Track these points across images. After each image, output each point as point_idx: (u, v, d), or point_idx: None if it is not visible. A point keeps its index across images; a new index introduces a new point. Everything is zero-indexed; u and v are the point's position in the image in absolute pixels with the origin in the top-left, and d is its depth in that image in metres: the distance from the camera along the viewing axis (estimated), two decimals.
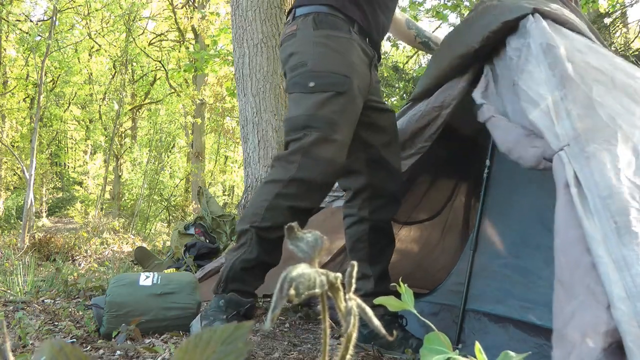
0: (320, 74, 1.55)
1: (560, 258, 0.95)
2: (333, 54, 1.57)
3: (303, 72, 1.57)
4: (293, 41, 1.62)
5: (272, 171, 1.58)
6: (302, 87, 1.56)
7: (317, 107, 1.53)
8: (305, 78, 1.56)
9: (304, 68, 1.57)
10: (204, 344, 0.39)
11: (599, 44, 1.76)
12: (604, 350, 0.75)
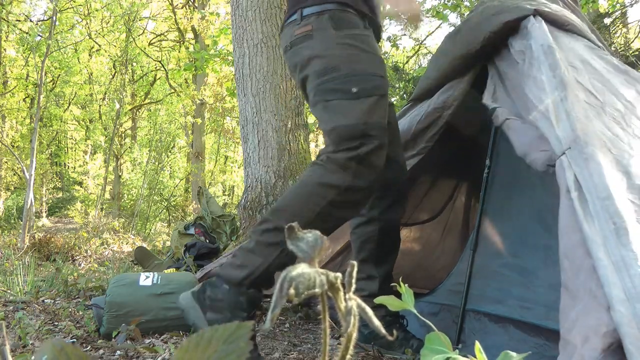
0: (361, 78, 1.47)
1: (565, 263, 0.95)
2: (366, 55, 1.50)
3: (339, 77, 1.46)
4: (310, 43, 1.50)
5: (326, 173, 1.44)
6: (343, 94, 1.45)
7: (369, 113, 1.45)
8: (344, 83, 1.46)
9: (337, 72, 1.46)
10: (205, 343, 0.39)
11: (598, 46, 1.76)
12: (604, 351, 0.75)
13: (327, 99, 1.48)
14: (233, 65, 4.00)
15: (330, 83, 1.47)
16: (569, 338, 0.84)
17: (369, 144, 1.44)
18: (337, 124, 1.46)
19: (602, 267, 0.84)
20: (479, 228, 1.82)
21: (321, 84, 1.49)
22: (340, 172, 1.42)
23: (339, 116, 1.46)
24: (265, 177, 3.62)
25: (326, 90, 1.48)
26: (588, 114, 1.19)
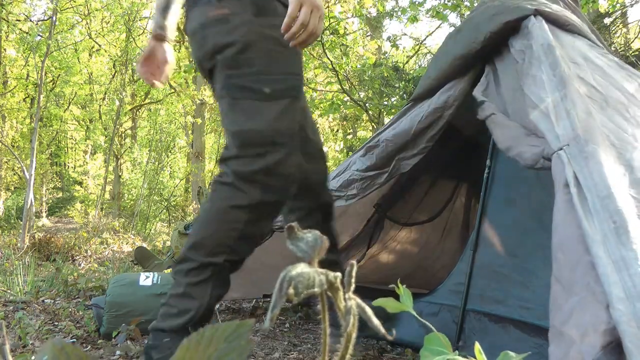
0: (275, 79, 1.34)
1: (559, 256, 0.95)
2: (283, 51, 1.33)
3: (251, 74, 1.32)
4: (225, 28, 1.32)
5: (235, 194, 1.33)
6: (254, 93, 1.32)
7: (279, 118, 1.33)
8: (256, 82, 1.32)
9: (250, 68, 1.31)
10: (206, 342, 0.39)
11: (599, 45, 1.76)
12: (603, 349, 0.75)
13: (235, 97, 1.34)
14: None
15: (241, 79, 1.33)
16: (563, 330, 0.84)
17: (276, 153, 1.33)
18: (243, 127, 1.33)
19: (602, 266, 0.84)
20: (479, 228, 1.82)
21: (231, 77, 1.34)
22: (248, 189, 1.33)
23: (246, 118, 1.33)
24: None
25: (236, 87, 1.34)
26: (590, 109, 1.19)
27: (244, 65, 1.32)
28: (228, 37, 1.32)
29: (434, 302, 1.91)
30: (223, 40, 1.32)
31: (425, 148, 1.81)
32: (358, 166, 1.94)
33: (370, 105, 7.31)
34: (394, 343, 1.97)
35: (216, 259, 1.33)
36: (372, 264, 3.17)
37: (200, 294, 1.33)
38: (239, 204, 1.33)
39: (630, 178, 1.01)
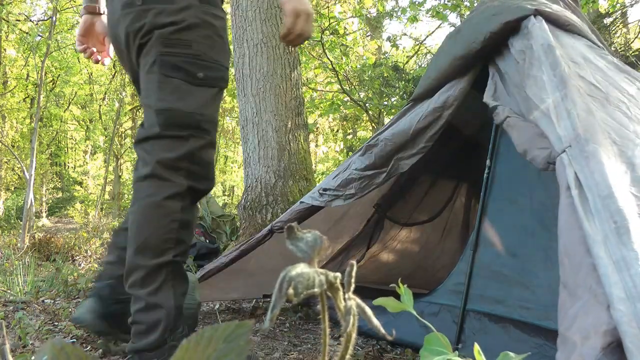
0: (209, 65, 1.34)
1: (564, 260, 0.95)
2: (219, 41, 1.36)
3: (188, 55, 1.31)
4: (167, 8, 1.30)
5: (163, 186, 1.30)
6: (187, 75, 1.32)
7: (207, 105, 1.35)
8: (191, 65, 1.32)
9: (188, 49, 1.31)
10: (205, 342, 0.39)
11: (599, 46, 1.76)
12: (603, 349, 0.75)
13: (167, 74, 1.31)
14: (233, 66, 4.00)
15: (177, 58, 1.31)
16: (567, 335, 0.84)
17: (200, 139, 1.34)
18: (172, 105, 1.31)
19: (603, 266, 0.84)
20: (479, 228, 1.82)
21: (166, 54, 1.31)
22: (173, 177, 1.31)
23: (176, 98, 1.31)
24: (265, 177, 3.62)
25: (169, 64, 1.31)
26: (590, 107, 1.18)
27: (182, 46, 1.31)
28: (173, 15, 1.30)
29: (434, 302, 1.91)
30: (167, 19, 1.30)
31: (424, 148, 1.81)
32: (357, 165, 1.94)
33: (370, 105, 7.31)
34: (394, 343, 1.97)
35: (165, 257, 1.28)
36: (372, 264, 3.17)
37: (164, 300, 1.27)
38: (169, 195, 1.30)
39: (631, 176, 1.01)
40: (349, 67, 7.90)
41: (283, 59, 3.76)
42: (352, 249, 3.06)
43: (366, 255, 3.12)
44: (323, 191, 2.00)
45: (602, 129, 1.12)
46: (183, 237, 1.32)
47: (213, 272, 2.36)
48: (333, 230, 2.78)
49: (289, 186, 3.59)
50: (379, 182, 1.90)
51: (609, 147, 1.07)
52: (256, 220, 3.53)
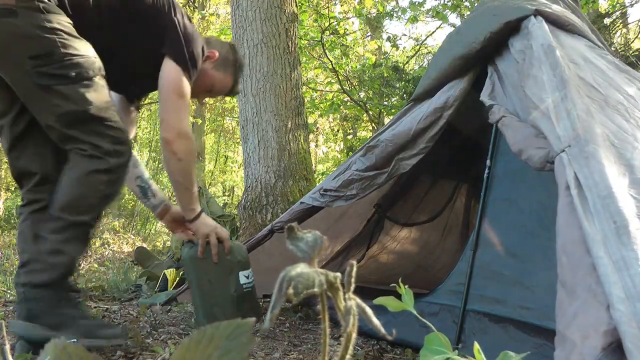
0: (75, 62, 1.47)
1: (562, 259, 0.95)
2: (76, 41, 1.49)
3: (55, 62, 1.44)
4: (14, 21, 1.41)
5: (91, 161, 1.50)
6: (63, 79, 1.46)
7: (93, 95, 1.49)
8: (62, 68, 1.45)
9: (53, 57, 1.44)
10: (207, 340, 0.39)
11: (599, 46, 1.76)
12: (604, 350, 0.75)
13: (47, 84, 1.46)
14: None
15: (47, 68, 1.44)
16: (567, 334, 0.84)
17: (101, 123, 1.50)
18: (67, 108, 1.47)
19: (603, 266, 0.84)
20: (479, 228, 1.82)
21: (36, 67, 1.44)
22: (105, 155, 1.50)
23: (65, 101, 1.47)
24: (265, 177, 3.62)
25: (44, 75, 1.45)
26: (590, 109, 1.19)
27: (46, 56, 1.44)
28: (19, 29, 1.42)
29: (434, 302, 1.91)
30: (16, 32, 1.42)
31: (425, 148, 1.81)
32: (358, 166, 1.94)
33: (370, 106, 7.31)
34: (394, 343, 1.97)
35: (83, 217, 1.51)
36: (372, 264, 3.17)
37: (71, 250, 1.50)
38: (98, 169, 1.50)
39: (630, 178, 1.02)
40: (349, 67, 7.90)
41: (283, 59, 3.76)
42: (352, 249, 3.06)
43: (366, 255, 3.12)
44: (324, 192, 2.01)
45: (601, 131, 1.12)
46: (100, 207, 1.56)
47: None
48: (332, 230, 2.79)
49: (289, 186, 3.59)
50: (380, 183, 1.91)
51: (608, 148, 1.08)
52: (256, 220, 3.53)
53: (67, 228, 1.50)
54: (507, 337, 1.61)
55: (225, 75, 1.90)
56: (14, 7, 1.41)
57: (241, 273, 1.89)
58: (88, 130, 1.50)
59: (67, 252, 1.49)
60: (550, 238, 1.41)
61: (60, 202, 1.51)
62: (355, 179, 1.93)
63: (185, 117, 1.68)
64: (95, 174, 1.51)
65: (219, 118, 14.69)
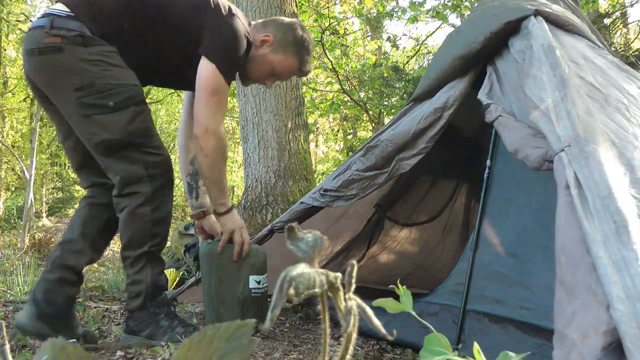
0: (114, 91, 1.58)
1: (561, 258, 0.95)
2: (115, 69, 1.60)
3: (94, 92, 1.56)
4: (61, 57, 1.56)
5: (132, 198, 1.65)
6: (101, 109, 1.57)
7: (130, 123, 1.60)
8: (101, 98, 1.57)
9: (93, 88, 1.56)
10: (207, 341, 0.39)
11: (599, 46, 1.76)
12: (604, 349, 0.75)
13: (87, 114, 1.58)
14: None
15: (88, 98, 1.56)
16: (566, 332, 0.84)
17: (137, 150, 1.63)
18: (103, 137, 1.59)
19: (602, 266, 0.84)
20: (479, 228, 1.82)
21: (79, 98, 1.57)
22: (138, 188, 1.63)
23: (102, 130, 1.59)
24: (265, 177, 3.62)
25: (85, 105, 1.57)
26: (590, 108, 1.19)
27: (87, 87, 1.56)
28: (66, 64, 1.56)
29: (434, 302, 1.91)
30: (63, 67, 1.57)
31: (425, 148, 1.81)
32: (358, 166, 1.94)
33: (370, 106, 7.31)
34: (394, 343, 1.97)
35: (143, 249, 1.68)
36: (372, 264, 3.17)
37: (144, 277, 1.70)
38: (139, 204, 1.65)
39: (630, 177, 1.01)
40: (349, 67, 7.90)
41: None
42: (352, 249, 3.06)
43: (366, 255, 3.12)
44: (324, 192, 2.01)
45: (602, 130, 1.12)
46: (157, 232, 1.70)
47: None
48: (332, 230, 2.79)
49: (289, 186, 3.59)
50: (380, 183, 1.90)
51: (608, 148, 1.07)
52: (256, 220, 3.53)
53: (135, 261, 1.70)
54: (507, 337, 1.61)
55: (285, 56, 1.86)
56: (59, 44, 1.55)
57: (252, 277, 1.87)
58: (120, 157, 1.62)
59: (143, 280, 1.70)
60: (550, 238, 1.41)
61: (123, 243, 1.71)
62: (355, 179, 1.93)
63: (217, 115, 1.69)
64: (139, 209, 1.65)
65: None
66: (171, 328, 1.70)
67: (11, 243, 6.11)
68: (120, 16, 1.64)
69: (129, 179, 1.63)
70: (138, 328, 1.71)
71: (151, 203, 1.65)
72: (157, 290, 1.73)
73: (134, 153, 1.62)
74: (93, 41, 1.58)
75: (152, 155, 1.65)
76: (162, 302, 1.74)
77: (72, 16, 1.58)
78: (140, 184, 1.63)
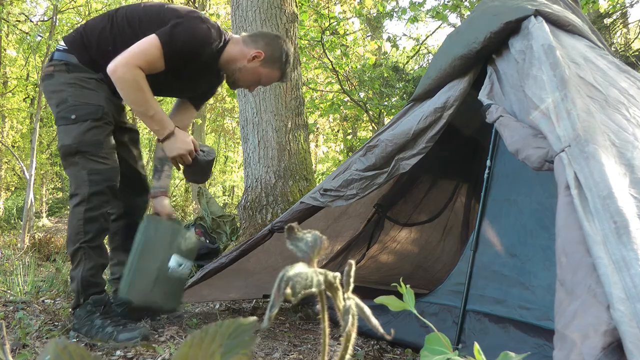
0: (78, 107, 1.90)
1: (562, 259, 0.95)
2: (86, 91, 1.93)
3: (65, 108, 1.91)
4: (52, 81, 1.94)
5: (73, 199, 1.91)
6: (66, 120, 1.90)
7: (82, 134, 1.89)
8: (67, 112, 1.90)
9: (65, 104, 1.91)
10: (210, 339, 0.39)
11: (599, 46, 1.76)
12: (604, 350, 0.75)
13: (59, 124, 1.93)
14: None
15: (61, 112, 1.92)
16: (566, 333, 0.84)
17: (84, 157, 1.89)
18: (62, 143, 1.92)
19: (603, 266, 0.84)
20: (479, 228, 1.82)
21: (57, 112, 1.94)
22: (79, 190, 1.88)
23: (63, 137, 1.92)
24: (265, 177, 3.62)
25: (58, 118, 1.93)
26: (590, 108, 1.19)
27: (62, 104, 1.92)
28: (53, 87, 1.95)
29: (434, 302, 1.91)
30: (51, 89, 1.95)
31: (425, 148, 1.81)
32: (358, 166, 1.94)
33: (370, 106, 7.31)
34: (394, 343, 1.97)
35: (77, 245, 1.89)
36: (372, 264, 3.17)
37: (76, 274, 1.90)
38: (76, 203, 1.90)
39: (630, 177, 1.01)
40: (349, 68, 7.90)
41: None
42: (352, 249, 3.06)
43: (366, 255, 3.12)
44: (324, 192, 2.00)
45: (602, 131, 1.12)
46: (88, 229, 1.89)
47: (213, 272, 2.36)
48: (331, 229, 2.79)
49: (289, 186, 3.59)
50: (380, 183, 1.90)
51: (608, 148, 1.07)
52: (256, 221, 3.53)
53: (72, 258, 1.92)
54: (507, 337, 1.61)
55: (272, 70, 2.12)
56: (52, 72, 1.95)
57: (175, 257, 1.96)
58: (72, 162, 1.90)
59: (75, 277, 1.90)
60: (550, 238, 1.41)
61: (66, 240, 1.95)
62: (355, 178, 1.93)
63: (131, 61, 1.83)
64: (76, 208, 1.90)
65: (219, 118, 14.69)
66: (102, 327, 1.82)
67: (11, 243, 6.11)
68: (102, 42, 1.95)
69: (75, 182, 1.90)
70: (78, 326, 1.88)
71: (87, 204, 1.88)
72: (89, 286, 1.90)
73: (82, 160, 1.89)
74: (75, 69, 1.94)
75: (98, 163, 1.90)
76: (99, 300, 1.91)
77: (66, 49, 1.97)
78: (82, 187, 1.88)
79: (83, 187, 1.88)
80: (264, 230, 2.23)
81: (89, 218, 1.89)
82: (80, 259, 1.89)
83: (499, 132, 1.41)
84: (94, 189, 1.89)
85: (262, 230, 2.23)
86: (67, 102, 1.91)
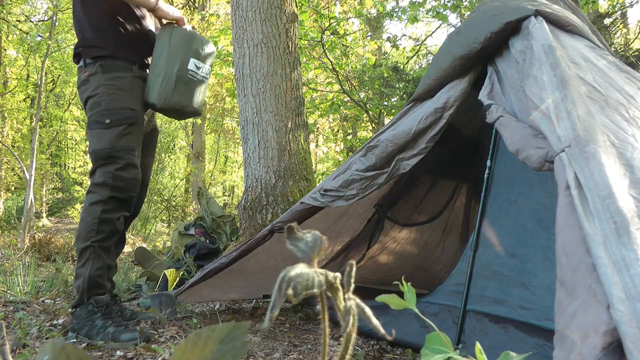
0: (113, 112, 1.93)
1: (562, 259, 0.95)
2: (121, 93, 1.96)
3: (99, 111, 1.93)
4: (88, 86, 1.97)
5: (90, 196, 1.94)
6: (100, 125, 1.93)
7: (117, 139, 1.92)
8: (102, 116, 1.92)
9: (99, 108, 1.93)
10: (202, 343, 0.39)
11: (599, 46, 1.76)
12: (604, 349, 0.75)
13: (92, 128, 1.96)
14: (233, 66, 3.99)
15: (95, 116, 1.94)
16: (566, 333, 0.84)
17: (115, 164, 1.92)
18: (94, 147, 1.94)
19: (603, 266, 0.84)
20: (479, 228, 1.82)
21: (90, 117, 1.96)
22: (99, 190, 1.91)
23: (95, 142, 1.94)
24: (265, 177, 3.62)
25: (92, 122, 1.95)
26: (590, 109, 1.19)
27: (96, 107, 1.94)
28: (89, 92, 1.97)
29: (434, 303, 1.91)
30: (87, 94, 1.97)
31: (425, 148, 1.81)
32: (358, 166, 1.94)
33: (371, 106, 7.31)
34: (394, 343, 1.96)
35: (87, 242, 1.89)
36: (372, 265, 3.17)
37: (83, 272, 1.88)
38: (94, 201, 1.91)
39: (630, 178, 1.01)
40: (349, 68, 7.90)
41: (283, 59, 3.76)
42: (352, 249, 3.06)
43: (366, 255, 3.12)
44: (324, 192, 2.00)
45: (602, 131, 1.12)
46: (102, 229, 1.90)
47: (213, 272, 2.36)
48: (332, 229, 2.78)
49: (289, 186, 3.59)
50: (381, 183, 1.90)
51: (608, 148, 1.07)
52: (256, 221, 3.53)
53: (80, 255, 1.91)
54: (507, 337, 1.60)
55: None
56: (88, 77, 1.97)
57: (193, 59, 2.05)
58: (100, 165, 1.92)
59: (82, 274, 1.88)
60: (549, 238, 1.41)
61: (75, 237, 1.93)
62: (356, 179, 1.93)
63: None
64: (92, 206, 1.91)
65: (219, 118, 14.69)
66: (104, 328, 1.81)
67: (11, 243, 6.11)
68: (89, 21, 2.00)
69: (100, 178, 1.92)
70: (78, 326, 1.86)
71: (105, 205, 1.91)
72: (94, 286, 1.89)
73: (112, 164, 1.92)
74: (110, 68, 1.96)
75: (125, 171, 1.94)
76: (101, 301, 1.91)
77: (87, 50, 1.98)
78: (103, 188, 1.91)
79: (105, 189, 1.91)
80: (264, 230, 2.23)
81: (104, 219, 1.90)
82: (89, 258, 1.88)
83: (499, 132, 1.41)
84: (115, 195, 1.92)
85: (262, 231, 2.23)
86: (101, 105, 1.93)
